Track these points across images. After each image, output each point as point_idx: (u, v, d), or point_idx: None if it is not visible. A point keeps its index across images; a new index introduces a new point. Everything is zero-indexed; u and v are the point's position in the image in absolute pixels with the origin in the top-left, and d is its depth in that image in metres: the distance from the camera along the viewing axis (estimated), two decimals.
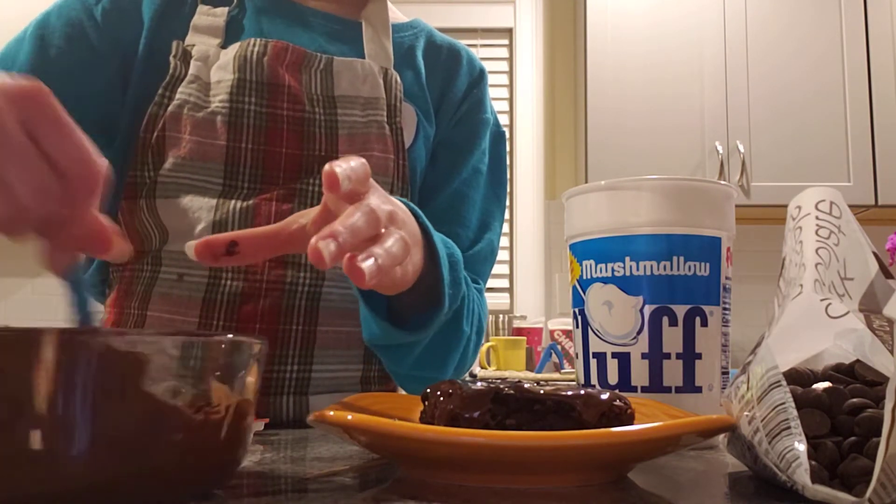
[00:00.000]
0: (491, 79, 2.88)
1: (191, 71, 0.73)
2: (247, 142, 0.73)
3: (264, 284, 0.73)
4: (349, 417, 0.35)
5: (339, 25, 0.84)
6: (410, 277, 0.56)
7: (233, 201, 0.72)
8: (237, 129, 0.73)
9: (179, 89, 0.73)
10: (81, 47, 0.74)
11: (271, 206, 0.73)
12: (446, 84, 0.88)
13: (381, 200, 0.47)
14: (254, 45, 0.75)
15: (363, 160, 0.47)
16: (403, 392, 0.82)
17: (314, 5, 0.84)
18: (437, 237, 0.62)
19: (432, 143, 0.87)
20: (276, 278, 0.73)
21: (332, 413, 0.36)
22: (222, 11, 0.78)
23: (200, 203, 0.72)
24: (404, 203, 0.56)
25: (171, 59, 0.74)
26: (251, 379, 0.35)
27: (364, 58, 0.81)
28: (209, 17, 0.77)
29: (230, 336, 0.34)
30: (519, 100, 2.85)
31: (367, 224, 0.44)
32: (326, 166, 0.44)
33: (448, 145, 0.87)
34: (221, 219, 0.72)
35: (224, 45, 0.76)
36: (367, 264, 0.41)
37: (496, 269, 2.76)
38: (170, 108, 0.72)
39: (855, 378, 0.39)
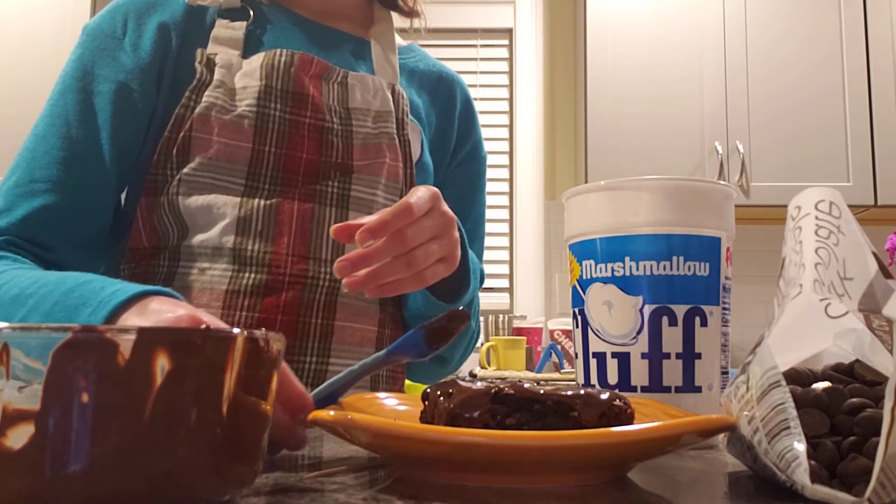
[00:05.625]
0: (491, 79, 2.91)
1: (216, 77, 0.77)
2: (270, 145, 0.77)
3: (287, 277, 0.75)
4: (349, 417, 0.35)
5: (350, 43, 0.89)
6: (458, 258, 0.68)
7: (256, 199, 0.76)
8: (262, 133, 0.77)
9: (206, 93, 0.76)
10: (123, 80, 0.77)
11: (293, 204, 0.77)
12: (443, 113, 0.94)
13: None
14: (281, 54, 0.80)
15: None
16: (409, 385, 0.85)
17: (326, 23, 0.89)
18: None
19: (437, 181, 0.93)
20: (298, 272, 0.76)
21: (331, 413, 0.36)
22: (240, 25, 0.82)
23: (224, 200, 0.75)
24: None
25: (197, 65, 0.78)
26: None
27: (373, 74, 0.87)
28: (228, 29, 0.81)
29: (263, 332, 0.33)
30: (519, 100, 2.84)
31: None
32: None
33: (455, 187, 0.93)
34: (246, 215, 0.75)
35: (244, 56, 0.81)
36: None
37: (496, 268, 2.76)
38: (197, 110, 0.75)
39: (854, 378, 0.39)
